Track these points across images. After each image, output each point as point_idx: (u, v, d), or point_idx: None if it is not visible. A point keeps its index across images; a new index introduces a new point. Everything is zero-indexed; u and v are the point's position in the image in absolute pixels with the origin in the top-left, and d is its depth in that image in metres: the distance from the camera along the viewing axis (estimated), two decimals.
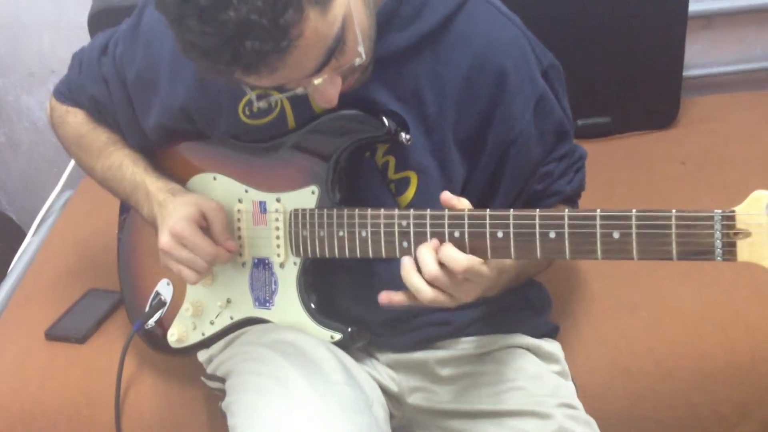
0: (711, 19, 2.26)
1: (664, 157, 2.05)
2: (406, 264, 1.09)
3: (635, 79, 2.10)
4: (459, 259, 1.05)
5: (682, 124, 2.17)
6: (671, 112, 2.16)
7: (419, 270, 1.08)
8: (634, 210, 0.97)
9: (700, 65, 2.30)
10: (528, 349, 1.36)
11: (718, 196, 1.83)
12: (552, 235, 1.02)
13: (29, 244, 2.07)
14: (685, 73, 2.16)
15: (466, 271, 1.05)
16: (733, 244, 0.92)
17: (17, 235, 2.35)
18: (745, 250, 0.92)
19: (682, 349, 1.49)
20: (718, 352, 1.49)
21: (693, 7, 2.07)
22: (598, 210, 0.99)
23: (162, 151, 1.43)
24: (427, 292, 1.07)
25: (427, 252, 1.08)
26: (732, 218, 0.92)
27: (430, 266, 1.06)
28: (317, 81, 1.05)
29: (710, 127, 2.14)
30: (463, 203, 1.09)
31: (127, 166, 1.40)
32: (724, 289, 1.58)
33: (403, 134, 1.18)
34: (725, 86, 2.35)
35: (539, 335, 1.39)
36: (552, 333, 1.43)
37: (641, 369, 1.48)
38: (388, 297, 1.12)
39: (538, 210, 1.03)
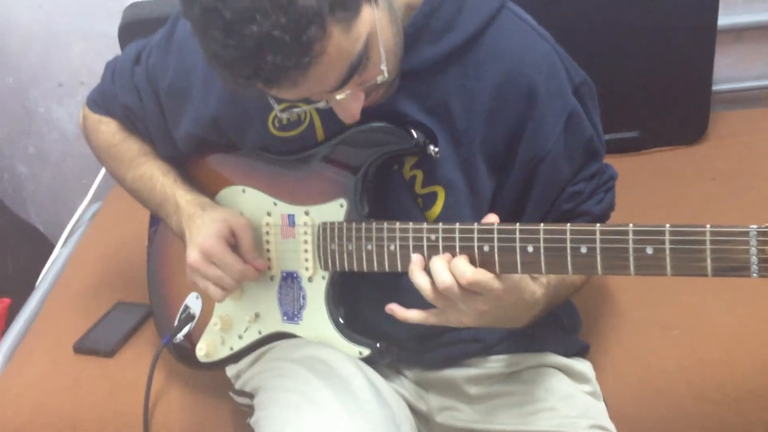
0: (741, 33, 2.24)
1: (693, 172, 2.03)
2: (415, 260, 1.09)
3: (664, 94, 2.09)
4: (465, 269, 1.04)
5: (711, 139, 2.15)
6: (700, 126, 2.14)
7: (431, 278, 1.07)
8: (667, 225, 0.95)
9: (729, 80, 2.28)
10: (558, 368, 1.34)
11: (749, 212, 1.81)
12: (583, 249, 1.01)
13: (58, 256, 2.08)
14: (715, 87, 2.15)
15: (470, 283, 1.04)
16: None
17: (46, 246, 2.36)
18: None
19: (714, 369, 1.47)
20: (752, 372, 1.46)
21: (722, 21, 2.06)
22: (631, 225, 0.98)
23: (192, 162, 1.43)
24: (430, 292, 1.07)
25: (440, 262, 1.07)
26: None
27: (443, 275, 1.05)
28: (339, 96, 1.05)
29: (740, 142, 2.12)
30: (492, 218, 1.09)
31: (158, 177, 1.40)
32: (758, 307, 1.55)
33: (431, 147, 1.17)
34: (755, 101, 2.33)
35: (569, 354, 1.37)
36: (582, 352, 1.41)
37: (673, 389, 1.46)
38: (399, 310, 1.12)
39: (569, 224, 1.02)
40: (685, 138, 2.14)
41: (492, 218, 1.08)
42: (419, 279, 1.09)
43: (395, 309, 1.13)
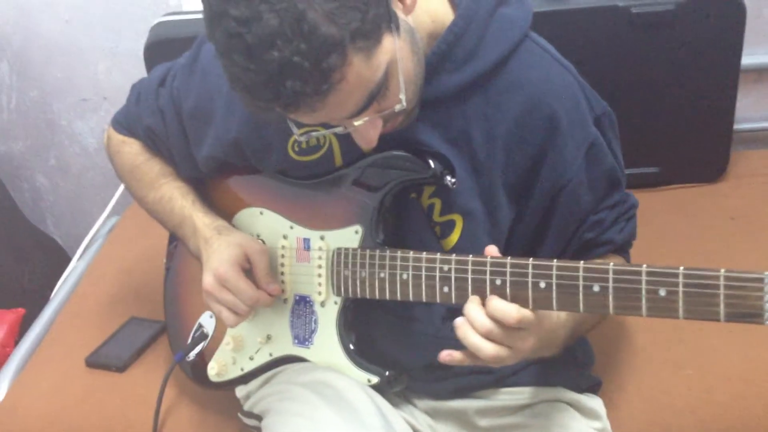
0: (762, 73, 2.23)
1: (712, 210, 2.02)
2: (461, 324, 1.06)
3: (685, 131, 2.08)
4: (509, 309, 1.03)
5: (731, 178, 2.14)
6: (721, 165, 2.13)
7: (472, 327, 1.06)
8: (681, 267, 0.95)
9: (750, 119, 2.27)
10: (569, 403, 1.34)
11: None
12: (596, 288, 1.01)
13: (74, 269, 2.09)
14: (736, 126, 2.14)
15: (519, 321, 1.03)
16: None
17: (62, 259, 2.38)
18: None
19: (725, 411, 1.45)
20: (763, 415, 1.44)
21: (745, 61, 2.05)
22: (644, 266, 0.97)
23: (212, 184, 1.45)
24: (488, 349, 1.04)
25: (475, 308, 1.06)
26: None
27: (482, 320, 1.04)
28: (357, 122, 1.06)
29: (760, 182, 2.11)
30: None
31: (177, 199, 1.41)
32: None
33: (448, 177, 1.18)
34: None
35: (581, 390, 1.37)
36: (594, 388, 1.41)
37: (683, 429, 1.44)
38: (450, 356, 1.09)
39: (582, 262, 1.02)
40: (705, 176, 2.13)
41: (491, 250, 1.08)
42: (473, 340, 1.05)
43: (453, 355, 1.09)
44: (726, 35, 1.98)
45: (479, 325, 1.04)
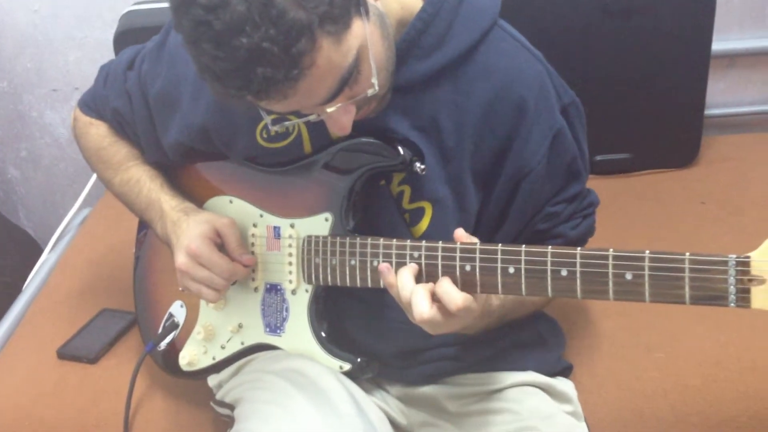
0: (734, 58, 2.25)
1: (683, 195, 2.04)
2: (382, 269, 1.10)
3: (656, 116, 2.10)
4: (455, 296, 1.05)
5: (702, 163, 2.16)
6: (692, 150, 2.15)
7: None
8: (647, 251, 0.96)
9: (722, 104, 2.29)
10: (540, 387, 1.34)
11: (738, 238, 1.82)
12: (564, 273, 1.01)
13: (45, 260, 2.07)
14: (707, 111, 2.16)
15: (460, 309, 1.05)
16: (747, 291, 0.91)
17: (34, 250, 2.36)
18: (759, 297, 0.90)
19: (696, 394, 1.47)
20: (733, 398, 1.46)
21: (716, 47, 2.07)
22: (611, 250, 0.98)
23: (181, 170, 1.44)
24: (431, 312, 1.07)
25: (422, 292, 1.07)
26: (747, 264, 0.91)
27: (423, 306, 1.06)
28: (330, 109, 1.05)
29: (731, 167, 2.13)
30: (473, 241, 1.09)
31: (144, 182, 1.41)
32: (741, 334, 1.55)
33: (417, 164, 1.18)
34: (747, 126, 2.33)
35: (552, 374, 1.37)
36: (565, 372, 1.41)
37: (655, 413, 1.45)
38: (387, 269, 1.11)
39: (550, 247, 1.03)
40: (677, 161, 2.15)
41: (460, 233, 1.09)
42: (422, 307, 1.07)
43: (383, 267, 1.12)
44: (696, 21, 2.00)
45: (418, 312, 1.06)
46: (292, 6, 0.93)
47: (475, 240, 1.09)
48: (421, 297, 1.06)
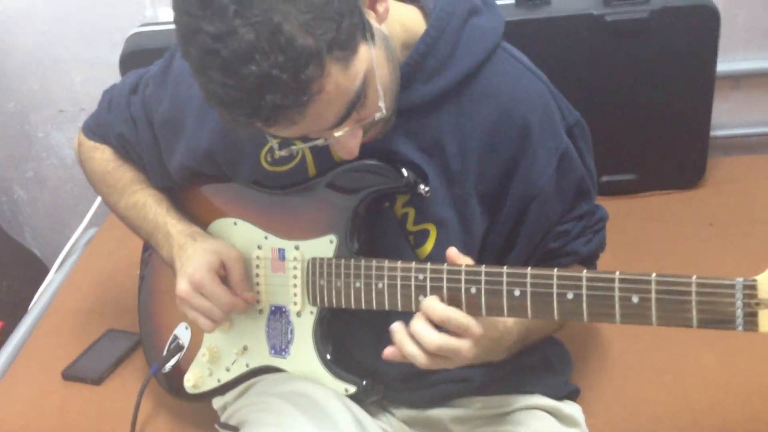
0: (739, 80, 2.25)
1: (689, 217, 2.03)
2: (397, 330, 1.10)
3: (662, 138, 2.09)
4: (434, 338, 1.06)
5: (708, 185, 2.15)
6: (698, 171, 2.14)
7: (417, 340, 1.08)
8: (653, 274, 0.95)
9: (727, 126, 2.28)
10: (547, 411, 1.33)
11: (745, 259, 1.81)
12: (570, 296, 1.01)
13: (51, 280, 2.08)
14: (713, 133, 2.15)
15: (443, 321, 1.05)
16: (755, 314, 0.90)
17: (40, 271, 2.36)
18: (766, 321, 0.90)
19: (704, 418, 1.46)
20: (741, 421, 1.45)
21: (721, 68, 2.06)
22: (617, 272, 0.98)
23: (186, 193, 1.44)
24: (422, 358, 1.08)
25: (421, 323, 1.07)
26: (754, 287, 0.90)
27: (431, 336, 1.07)
28: (338, 133, 1.05)
29: (737, 189, 2.12)
30: (467, 261, 1.09)
31: (150, 206, 1.41)
32: (749, 358, 1.54)
33: (421, 186, 1.18)
34: (752, 148, 2.33)
35: (559, 397, 1.36)
36: (572, 395, 1.40)
37: None
38: (393, 353, 1.11)
39: (556, 270, 1.02)
40: (682, 183, 2.14)
41: (452, 252, 1.10)
42: (409, 350, 1.08)
43: (396, 353, 1.12)
44: (701, 42, 1.99)
45: (429, 341, 1.06)
46: (300, 33, 0.93)
47: (469, 260, 1.09)
48: (422, 327, 1.07)
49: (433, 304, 1.07)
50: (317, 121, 1.02)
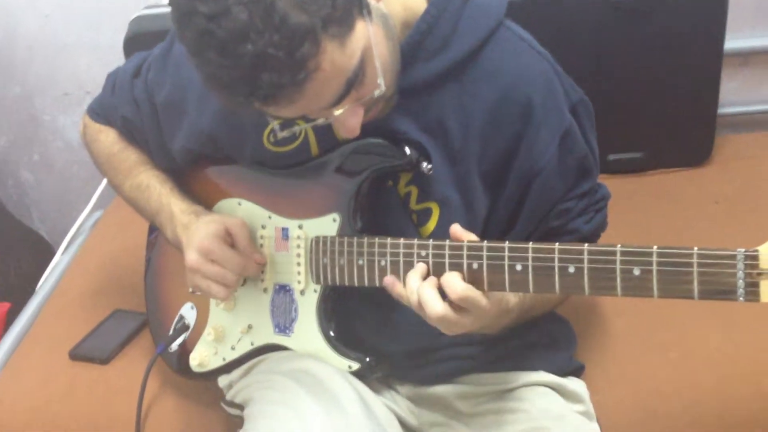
0: (747, 57, 2.24)
1: (696, 194, 2.02)
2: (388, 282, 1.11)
3: (669, 115, 2.09)
4: (456, 286, 1.05)
5: (716, 162, 2.14)
6: (705, 149, 2.14)
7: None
8: (655, 246, 0.95)
9: (735, 103, 2.27)
10: (551, 387, 1.33)
11: (752, 236, 1.75)
12: (571, 269, 1.01)
13: (58, 262, 2.08)
14: (720, 110, 2.14)
15: (462, 299, 1.04)
16: (756, 285, 0.90)
17: (47, 252, 2.38)
18: None
19: (710, 394, 1.45)
20: (748, 398, 1.45)
21: (729, 45, 2.05)
22: (619, 245, 0.97)
23: (190, 174, 1.44)
24: (440, 306, 1.06)
25: (430, 289, 1.07)
26: (756, 257, 0.90)
27: (437, 304, 1.06)
28: (338, 112, 1.05)
29: (745, 166, 2.11)
30: (470, 237, 1.09)
31: (154, 187, 1.41)
32: (755, 334, 1.54)
33: (424, 164, 1.18)
34: (760, 125, 2.31)
35: (563, 374, 1.36)
36: (577, 372, 1.40)
37: (668, 412, 1.44)
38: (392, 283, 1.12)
39: (557, 244, 1.02)
40: (690, 160, 2.13)
41: (456, 229, 1.09)
42: (433, 304, 1.06)
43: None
44: (708, 19, 1.98)
45: (432, 311, 1.06)
46: (294, 10, 0.93)
47: (473, 236, 1.09)
48: (431, 295, 1.06)
49: (453, 280, 1.06)
50: (316, 100, 1.02)
